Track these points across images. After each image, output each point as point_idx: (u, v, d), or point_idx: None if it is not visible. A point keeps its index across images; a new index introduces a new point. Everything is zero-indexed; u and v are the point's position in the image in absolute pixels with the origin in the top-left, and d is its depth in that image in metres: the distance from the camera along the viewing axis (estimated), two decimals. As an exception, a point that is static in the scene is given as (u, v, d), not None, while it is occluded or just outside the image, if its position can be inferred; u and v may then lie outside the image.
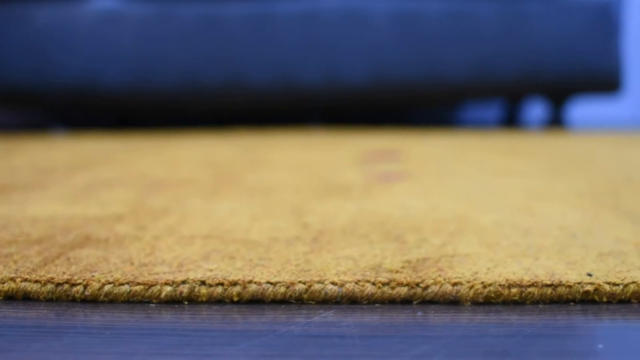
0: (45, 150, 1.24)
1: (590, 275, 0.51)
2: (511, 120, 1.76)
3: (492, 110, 1.84)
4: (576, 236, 0.61)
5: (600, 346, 0.42)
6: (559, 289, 0.49)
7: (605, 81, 1.48)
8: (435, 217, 0.69)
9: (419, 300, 0.49)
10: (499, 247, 0.58)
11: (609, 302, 0.49)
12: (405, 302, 0.49)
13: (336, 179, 0.89)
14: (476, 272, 0.51)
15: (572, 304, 0.49)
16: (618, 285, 0.49)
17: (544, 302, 0.49)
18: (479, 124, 1.76)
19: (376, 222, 0.66)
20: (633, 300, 0.49)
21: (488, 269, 0.52)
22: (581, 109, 1.79)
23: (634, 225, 0.66)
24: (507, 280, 0.49)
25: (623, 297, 0.49)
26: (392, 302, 0.49)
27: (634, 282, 0.49)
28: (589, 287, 0.49)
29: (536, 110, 1.78)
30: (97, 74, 1.44)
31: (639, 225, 0.65)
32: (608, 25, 1.48)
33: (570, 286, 0.49)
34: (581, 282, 0.49)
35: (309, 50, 1.45)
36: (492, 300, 0.49)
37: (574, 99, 1.54)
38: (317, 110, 1.58)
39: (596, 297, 0.49)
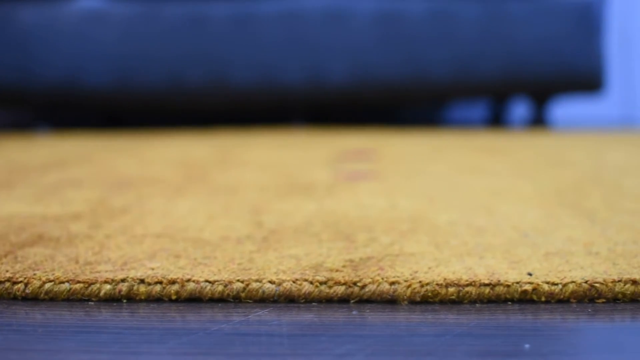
0: (23, 149, 1.24)
1: (530, 274, 0.51)
2: (496, 120, 1.76)
3: (478, 110, 1.84)
4: (527, 235, 0.61)
5: (526, 346, 0.41)
6: (497, 288, 0.49)
7: (587, 81, 1.48)
8: (391, 216, 0.68)
9: (356, 299, 0.49)
10: (447, 246, 0.58)
11: (547, 302, 0.49)
12: (344, 301, 0.49)
13: (304, 179, 0.89)
14: (416, 272, 0.51)
15: (509, 303, 0.49)
16: (557, 284, 0.49)
17: (482, 302, 0.49)
18: (464, 124, 1.76)
19: (331, 221, 0.66)
20: (572, 300, 0.49)
21: (429, 268, 0.52)
22: (569, 108, 1.79)
23: (590, 225, 0.66)
24: (445, 279, 0.49)
25: (562, 296, 0.49)
26: (330, 301, 0.49)
27: (572, 282, 0.49)
28: (527, 287, 0.49)
29: (521, 109, 1.78)
30: (81, 73, 1.44)
31: (595, 225, 0.65)
32: (590, 25, 1.47)
33: (508, 285, 0.49)
34: (520, 281, 0.49)
35: (292, 50, 1.45)
36: (430, 300, 0.49)
37: (556, 98, 1.54)
38: (299, 109, 1.58)
39: (534, 297, 0.49)
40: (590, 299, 0.49)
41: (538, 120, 1.55)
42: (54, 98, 1.46)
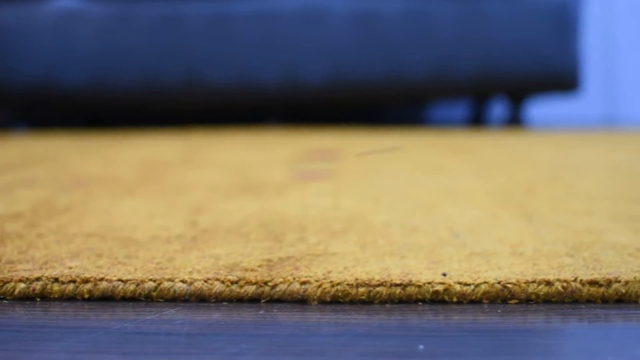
0: (-5, 148, 1.25)
1: (444, 275, 0.50)
2: (477, 120, 1.75)
3: (459, 110, 1.83)
4: (458, 236, 0.61)
5: (420, 347, 0.41)
6: (408, 288, 0.49)
7: (563, 80, 1.47)
8: (330, 216, 0.68)
9: (267, 299, 0.49)
10: (372, 247, 0.57)
11: (460, 302, 0.49)
12: (255, 300, 0.49)
13: (258, 179, 0.89)
14: (330, 272, 0.51)
15: (420, 304, 0.49)
16: (469, 285, 0.49)
17: (393, 302, 0.49)
18: (445, 123, 1.75)
19: (267, 221, 0.66)
20: (484, 301, 0.49)
21: (345, 268, 0.52)
22: (551, 108, 1.78)
23: (526, 225, 0.65)
24: (356, 279, 0.49)
25: (474, 297, 0.49)
26: (241, 301, 0.49)
27: (485, 282, 0.49)
28: (439, 287, 0.49)
29: (501, 109, 1.77)
30: (57, 73, 1.44)
31: (532, 226, 0.65)
32: (566, 25, 1.47)
33: (420, 286, 0.49)
34: (432, 282, 0.49)
35: (269, 49, 1.45)
36: (341, 300, 0.49)
37: (533, 98, 1.54)
38: (276, 109, 1.59)
39: (446, 297, 0.49)
40: (503, 300, 0.49)
41: (515, 120, 1.55)
42: (30, 98, 1.47)
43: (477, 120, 1.74)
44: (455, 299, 0.49)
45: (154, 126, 1.55)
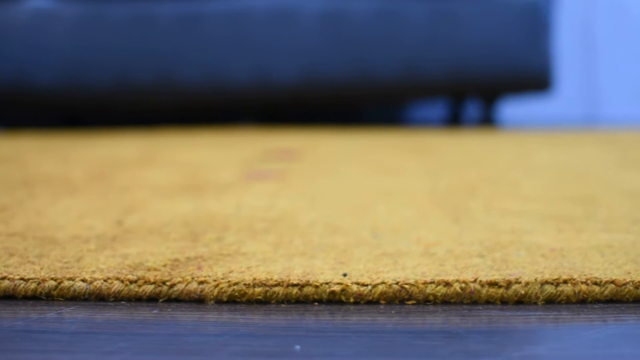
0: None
1: (345, 275, 0.51)
2: (454, 119, 1.75)
3: (438, 109, 1.83)
4: (377, 236, 0.61)
5: (297, 347, 0.41)
6: (305, 288, 0.49)
7: (535, 80, 1.47)
8: (258, 216, 0.69)
9: (165, 298, 0.49)
10: (286, 246, 0.58)
11: (357, 303, 0.49)
12: (154, 299, 0.49)
13: (207, 178, 0.90)
14: (231, 271, 0.51)
15: (316, 304, 0.49)
16: (366, 285, 0.49)
17: (290, 302, 0.49)
18: (423, 123, 1.75)
19: (193, 220, 0.66)
20: (381, 301, 0.49)
21: (248, 268, 0.52)
22: (530, 108, 1.78)
23: (452, 225, 0.65)
24: (254, 279, 0.49)
25: (371, 297, 0.49)
26: (140, 300, 0.49)
27: (383, 283, 0.49)
28: (336, 288, 0.49)
29: (478, 109, 1.77)
30: (29, 72, 1.45)
31: (457, 226, 0.65)
32: (537, 25, 1.46)
33: (317, 286, 0.49)
34: (330, 282, 0.49)
35: (240, 49, 1.46)
36: (238, 300, 0.49)
37: (506, 98, 1.53)
38: (248, 108, 1.59)
39: (343, 298, 0.49)
40: (401, 301, 0.49)
41: (487, 120, 1.55)
42: (2, 97, 1.47)
43: (454, 120, 1.74)
44: (352, 300, 0.49)
45: (126, 125, 1.55)
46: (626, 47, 1.85)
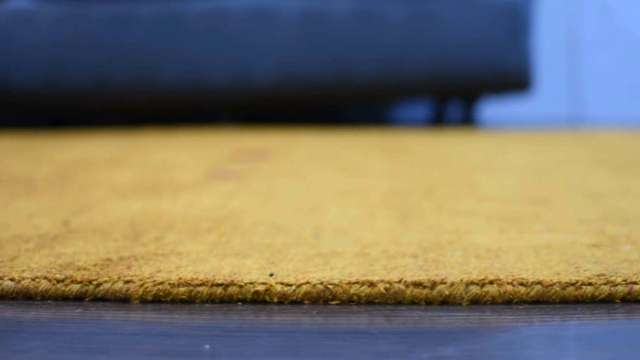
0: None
1: (271, 275, 0.51)
2: (438, 119, 1.75)
3: (425, 109, 1.83)
4: (318, 236, 0.61)
5: (206, 347, 0.42)
6: (229, 288, 0.49)
7: (515, 80, 1.47)
8: (206, 215, 0.69)
9: (91, 297, 0.50)
10: (222, 246, 0.58)
11: (281, 303, 0.49)
12: (81, 298, 0.50)
13: (169, 178, 0.90)
14: (159, 271, 0.51)
15: (240, 304, 0.49)
16: (291, 285, 0.49)
17: (214, 302, 0.49)
18: (407, 123, 1.75)
19: (139, 220, 0.67)
20: (305, 301, 0.49)
21: (177, 267, 0.52)
22: (515, 108, 1.78)
23: (396, 226, 0.66)
24: (179, 279, 0.50)
25: (295, 297, 0.49)
26: (67, 299, 0.50)
27: (307, 283, 0.49)
28: (260, 287, 0.49)
29: (461, 109, 1.76)
30: (9, 73, 1.46)
31: (401, 227, 0.65)
32: (517, 25, 1.46)
33: (241, 286, 0.49)
34: (254, 282, 0.49)
35: (219, 49, 1.46)
36: (163, 299, 0.49)
37: (486, 98, 1.53)
38: (227, 108, 1.59)
39: (267, 298, 0.49)
40: (325, 301, 0.50)
41: (467, 120, 1.55)
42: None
43: (438, 120, 1.74)
44: (276, 300, 0.49)
45: (107, 125, 1.56)
46: (611, 47, 1.85)
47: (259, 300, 0.49)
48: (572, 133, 1.43)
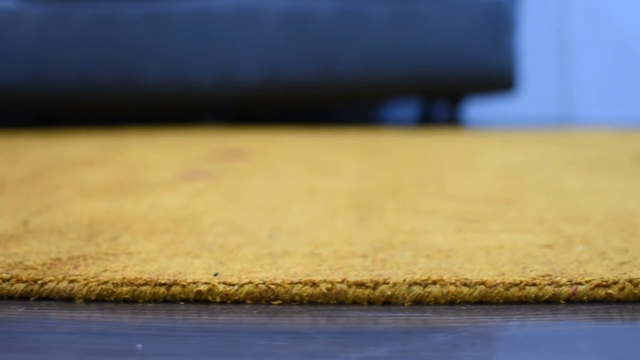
0: None
1: (215, 275, 0.51)
2: (426, 119, 1.75)
3: (414, 109, 1.84)
4: (274, 236, 0.62)
5: (139, 346, 0.42)
6: (172, 288, 0.50)
7: (499, 80, 1.47)
8: (166, 215, 0.69)
9: (36, 297, 0.50)
10: (174, 246, 0.58)
11: (224, 302, 0.49)
12: (26, 298, 0.50)
13: (141, 178, 0.90)
14: (105, 270, 0.51)
15: (182, 303, 0.50)
16: (233, 285, 0.50)
17: (157, 301, 0.50)
18: (397, 123, 1.75)
19: (99, 220, 0.67)
20: (248, 301, 0.50)
21: (125, 267, 0.52)
22: (502, 108, 1.78)
23: (354, 225, 0.66)
24: (123, 278, 0.50)
25: (237, 297, 0.50)
26: (12, 298, 0.50)
27: (250, 283, 0.50)
28: (203, 287, 0.50)
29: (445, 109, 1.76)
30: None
31: (358, 227, 0.65)
32: (501, 25, 1.47)
33: (184, 286, 0.50)
34: (197, 281, 0.50)
35: (204, 49, 1.46)
36: (106, 298, 0.50)
37: (470, 98, 1.54)
38: (212, 108, 1.60)
39: (210, 297, 0.50)
40: (268, 301, 0.50)
41: (453, 120, 1.55)
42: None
43: (426, 120, 1.74)
44: (218, 299, 0.50)
45: (92, 125, 1.56)
46: (601, 47, 1.85)
47: (202, 300, 0.50)
48: (556, 133, 1.43)
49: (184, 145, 1.20)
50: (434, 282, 0.50)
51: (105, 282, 0.49)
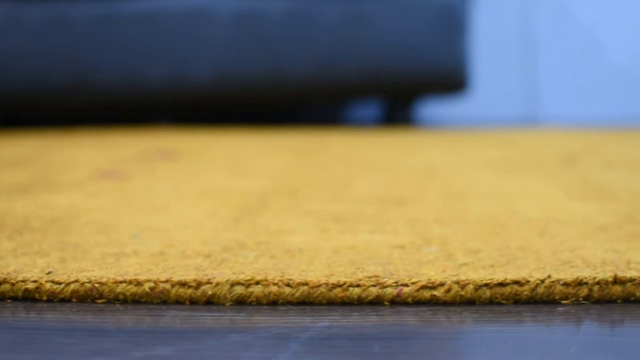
0: None
1: (48, 273, 0.52)
2: (389, 119, 1.76)
3: (376, 110, 1.84)
4: (137, 236, 0.63)
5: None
6: (2, 286, 0.51)
7: (450, 81, 1.47)
8: (47, 214, 0.71)
9: None
10: (28, 245, 0.60)
11: (50, 301, 0.51)
12: None
13: (56, 178, 0.92)
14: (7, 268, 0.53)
15: (9, 301, 0.51)
16: (60, 284, 0.51)
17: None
18: (360, 123, 1.76)
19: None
20: (74, 299, 0.51)
21: (34, 262, 0.54)
22: (468, 108, 1.78)
23: (223, 226, 0.67)
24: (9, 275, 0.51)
25: (64, 295, 0.51)
26: None
27: (76, 281, 0.51)
28: (31, 285, 0.51)
29: (418, 108, 1.76)
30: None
31: (226, 227, 0.67)
32: (452, 25, 1.47)
33: (13, 284, 0.51)
34: (26, 280, 0.51)
35: (155, 49, 1.48)
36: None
37: (422, 99, 1.55)
38: (164, 108, 1.62)
39: (37, 295, 0.51)
40: (93, 299, 0.51)
41: (406, 121, 1.56)
42: None
43: (389, 119, 1.75)
44: (45, 297, 0.51)
45: (50, 125, 1.58)
46: (567, 46, 1.84)
47: (30, 297, 0.51)
48: (502, 134, 1.44)
49: (118, 144, 1.22)
50: (257, 282, 0.51)
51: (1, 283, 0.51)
